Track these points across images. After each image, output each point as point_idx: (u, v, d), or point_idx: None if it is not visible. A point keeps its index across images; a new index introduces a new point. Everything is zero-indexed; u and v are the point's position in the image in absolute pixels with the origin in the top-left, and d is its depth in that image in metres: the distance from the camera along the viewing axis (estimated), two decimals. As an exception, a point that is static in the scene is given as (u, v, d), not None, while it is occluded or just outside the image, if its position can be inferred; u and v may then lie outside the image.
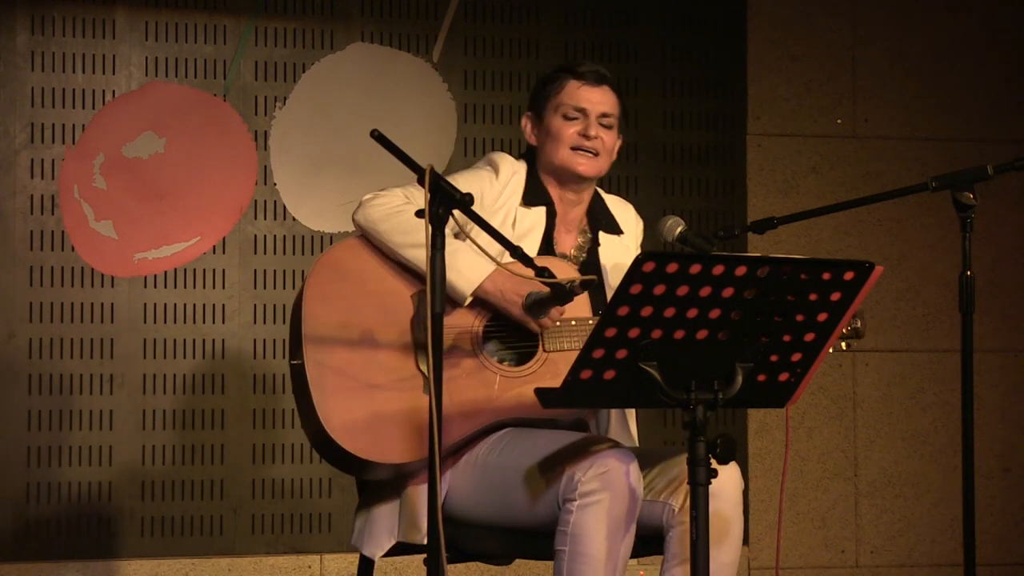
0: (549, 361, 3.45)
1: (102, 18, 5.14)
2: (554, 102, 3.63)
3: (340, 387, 3.36)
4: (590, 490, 3.22)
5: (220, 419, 5.17)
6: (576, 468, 3.25)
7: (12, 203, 5.06)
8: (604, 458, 3.24)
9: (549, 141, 3.63)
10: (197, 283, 5.17)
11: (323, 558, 5.20)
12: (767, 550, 5.55)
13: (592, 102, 3.63)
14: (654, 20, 5.55)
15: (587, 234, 3.68)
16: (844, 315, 2.89)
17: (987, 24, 5.83)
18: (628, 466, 3.25)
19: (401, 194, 3.49)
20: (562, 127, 3.62)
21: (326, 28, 5.30)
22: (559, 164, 3.62)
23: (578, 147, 3.61)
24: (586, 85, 3.64)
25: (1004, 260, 5.80)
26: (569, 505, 3.24)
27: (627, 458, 3.26)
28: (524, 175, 3.65)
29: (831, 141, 5.71)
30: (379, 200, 3.48)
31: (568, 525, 3.24)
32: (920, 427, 5.75)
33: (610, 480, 3.22)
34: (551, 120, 3.63)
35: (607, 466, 3.23)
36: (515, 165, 3.66)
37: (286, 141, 5.25)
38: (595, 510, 3.22)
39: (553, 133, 3.62)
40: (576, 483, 3.23)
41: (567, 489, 3.25)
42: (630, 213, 3.78)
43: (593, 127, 3.61)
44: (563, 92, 3.63)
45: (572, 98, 3.63)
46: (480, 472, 3.40)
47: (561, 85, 3.64)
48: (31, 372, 5.05)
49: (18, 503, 5.02)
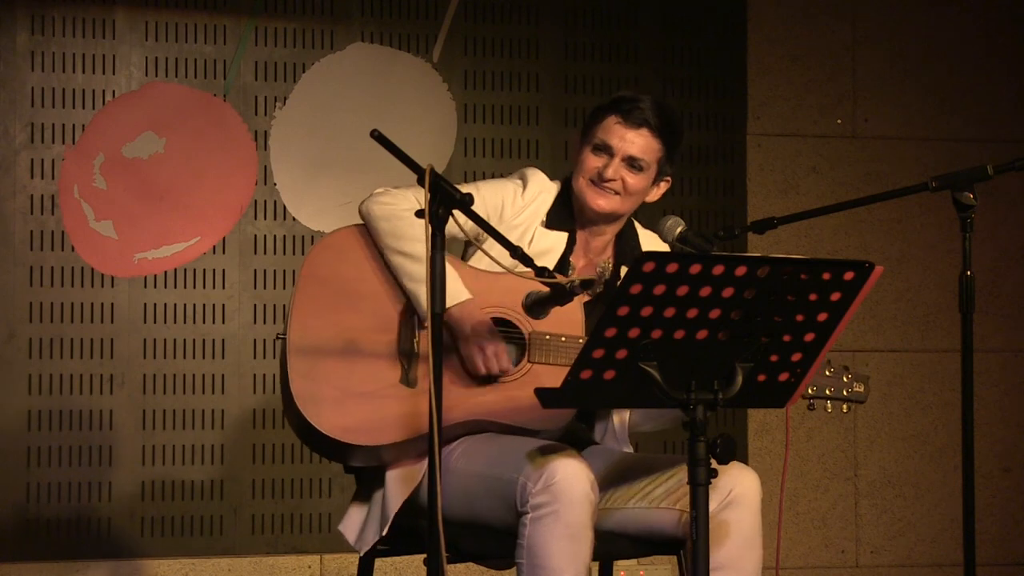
0: (532, 372, 3.45)
1: (102, 18, 5.14)
2: (591, 133, 3.58)
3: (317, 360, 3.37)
4: (541, 502, 3.21)
5: (220, 419, 5.17)
6: (528, 478, 3.23)
7: (12, 203, 5.06)
8: (552, 466, 3.22)
9: (575, 168, 3.60)
10: (197, 283, 5.17)
11: (323, 558, 5.20)
12: (767, 550, 5.54)
13: (623, 143, 3.55)
14: (654, 20, 5.55)
15: (608, 263, 3.62)
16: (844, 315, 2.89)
17: (987, 24, 5.83)
18: (578, 470, 3.22)
19: (412, 197, 3.47)
20: (587, 158, 3.57)
21: (326, 28, 5.30)
22: (576, 192, 3.60)
23: (595, 182, 3.57)
24: (623, 125, 3.55)
25: (1004, 260, 5.80)
26: (524, 518, 3.23)
27: (575, 462, 3.24)
28: (553, 196, 3.62)
29: (831, 141, 5.71)
30: (388, 198, 3.47)
31: (524, 538, 3.23)
32: (920, 427, 5.75)
33: (560, 491, 3.20)
34: (582, 148, 3.59)
35: (556, 475, 3.21)
36: (546, 184, 3.63)
37: (286, 141, 5.25)
38: (548, 522, 3.21)
39: (579, 162, 3.58)
40: (528, 495, 3.22)
41: (520, 501, 3.24)
42: (659, 244, 3.71)
43: (613, 167, 3.55)
44: (601, 125, 3.56)
45: (605, 132, 3.55)
46: (450, 477, 3.39)
47: (602, 117, 3.57)
48: (31, 372, 5.05)
49: (18, 503, 5.02)
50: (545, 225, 3.60)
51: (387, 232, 3.44)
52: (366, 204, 3.48)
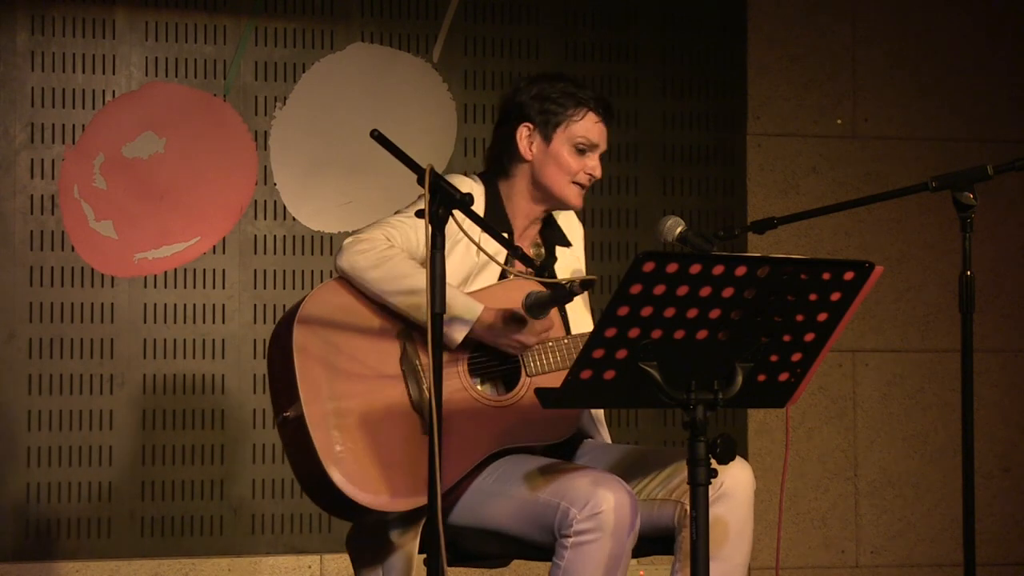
0: (534, 384, 3.44)
1: (102, 18, 5.14)
2: (569, 130, 3.54)
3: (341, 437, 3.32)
4: (585, 529, 3.21)
5: (220, 419, 5.17)
6: (572, 503, 3.23)
7: (12, 203, 5.06)
8: (599, 494, 3.22)
9: (551, 167, 3.55)
10: (197, 283, 5.17)
11: (323, 558, 5.20)
12: (767, 550, 5.55)
13: (602, 140, 3.58)
14: (654, 20, 5.55)
15: (540, 248, 3.65)
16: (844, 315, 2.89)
17: (987, 24, 5.84)
18: (625, 500, 3.23)
19: (383, 237, 3.42)
20: (572, 160, 3.54)
21: (326, 28, 5.30)
22: (555, 192, 3.57)
23: (577, 182, 3.56)
24: (601, 122, 3.57)
25: (1004, 260, 5.80)
26: (564, 540, 3.23)
27: (623, 492, 3.25)
28: (483, 197, 3.57)
29: (831, 141, 5.71)
30: (363, 245, 3.40)
31: (563, 560, 3.23)
32: (920, 427, 5.75)
33: (605, 521, 3.21)
34: (560, 147, 3.54)
35: (602, 506, 3.21)
36: (473, 187, 3.57)
37: (286, 141, 5.25)
38: (590, 549, 3.21)
39: (562, 163, 3.54)
40: (571, 520, 3.22)
41: (562, 524, 3.24)
42: (573, 220, 3.75)
43: (599, 165, 3.58)
44: (581, 124, 3.55)
45: (589, 132, 3.55)
46: (478, 498, 3.39)
47: (581, 115, 3.55)
48: (31, 372, 5.05)
49: (18, 503, 5.02)
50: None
51: (381, 279, 3.37)
52: (345, 259, 3.39)
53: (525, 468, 3.38)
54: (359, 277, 3.39)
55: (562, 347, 3.45)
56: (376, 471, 3.31)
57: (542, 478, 3.33)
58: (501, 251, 3.44)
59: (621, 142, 5.49)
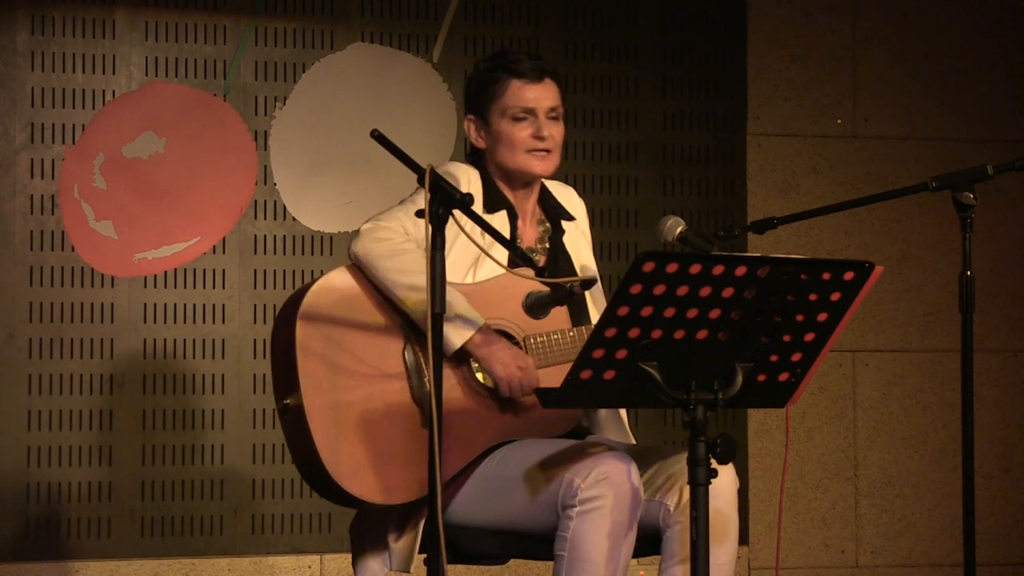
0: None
1: (102, 18, 5.14)
2: (499, 105, 3.55)
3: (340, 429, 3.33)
4: (590, 496, 3.22)
5: (220, 419, 5.17)
6: (575, 474, 3.24)
7: (12, 203, 5.06)
8: (603, 463, 3.24)
9: (500, 146, 3.57)
10: (197, 283, 5.17)
11: (323, 558, 5.20)
12: (767, 550, 5.55)
13: (539, 100, 3.54)
14: (654, 20, 5.55)
15: (545, 224, 3.66)
16: (844, 315, 2.89)
17: (987, 24, 5.83)
18: (628, 469, 3.24)
19: (402, 229, 3.44)
20: (513, 131, 3.54)
21: (326, 28, 5.30)
22: (514, 168, 3.57)
23: (532, 149, 3.55)
24: (529, 83, 3.54)
25: (1004, 260, 5.80)
26: (569, 511, 3.23)
27: (626, 461, 3.26)
28: (480, 181, 3.59)
29: (831, 141, 5.71)
30: (381, 234, 3.42)
31: (568, 531, 3.23)
32: (920, 427, 5.74)
33: (611, 485, 3.22)
34: (499, 124, 3.56)
35: (607, 471, 3.22)
36: (469, 172, 3.60)
37: (286, 141, 5.25)
38: (596, 516, 3.22)
39: (505, 138, 3.55)
40: (576, 489, 3.22)
41: (566, 495, 3.24)
42: (573, 196, 3.76)
43: (544, 126, 3.54)
44: (507, 94, 3.54)
45: (518, 99, 3.54)
46: (480, 484, 3.39)
47: (504, 87, 3.54)
48: (31, 372, 5.05)
49: (18, 503, 5.02)
50: (486, 210, 3.56)
51: (391, 269, 3.37)
52: (360, 245, 3.41)
53: (528, 451, 3.38)
54: (371, 264, 3.39)
55: (567, 339, 3.44)
56: (373, 463, 3.32)
57: (546, 458, 3.33)
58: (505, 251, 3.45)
59: (621, 142, 5.49)
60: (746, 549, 5.50)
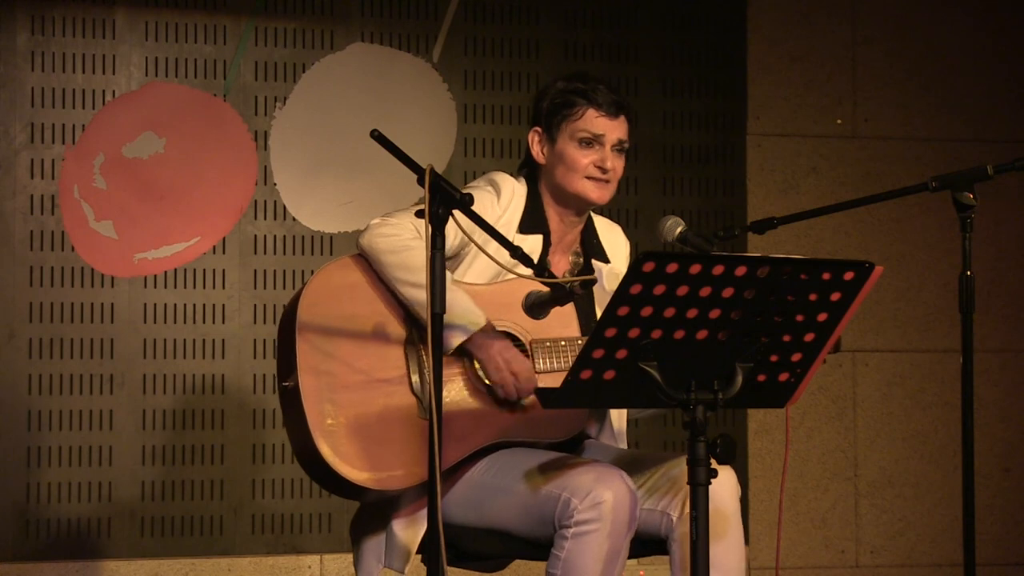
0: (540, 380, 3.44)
1: (102, 18, 5.14)
2: (570, 127, 3.56)
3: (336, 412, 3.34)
4: (586, 519, 3.23)
5: (220, 419, 5.17)
6: (573, 494, 3.25)
7: (12, 203, 5.06)
8: (600, 486, 3.24)
9: (561, 167, 3.57)
10: (197, 283, 5.17)
11: (323, 558, 5.20)
12: (767, 550, 5.55)
13: (609, 131, 3.56)
14: (654, 20, 5.55)
15: (579, 257, 3.66)
16: (844, 315, 2.89)
17: (987, 24, 5.84)
18: (624, 494, 3.25)
19: (412, 227, 3.44)
20: (577, 156, 3.55)
21: (326, 28, 5.30)
22: (571, 192, 3.58)
23: (592, 176, 3.56)
24: (606, 117, 3.56)
25: (1004, 260, 5.80)
26: (564, 531, 3.24)
27: (622, 485, 3.26)
28: (524, 198, 3.60)
29: (831, 141, 5.71)
30: (389, 230, 3.43)
31: (563, 551, 3.25)
32: (920, 427, 5.75)
33: (606, 511, 3.22)
34: (565, 146, 3.56)
35: (603, 496, 3.23)
36: (516, 188, 3.60)
37: (286, 141, 5.25)
38: (590, 539, 3.23)
39: (568, 161, 3.56)
40: (572, 511, 3.24)
41: (563, 515, 3.25)
42: (619, 237, 3.77)
43: (609, 158, 3.56)
44: (581, 120, 3.55)
45: (591, 125, 3.55)
46: (474, 491, 3.40)
47: (579, 112, 3.55)
48: (31, 372, 5.05)
49: (18, 503, 5.02)
50: (520, 230, 3.57)
51: (396, 265, 3.39)
52: (368, 239, 3.43)
53: (525, 461, 3.38)
54: (376, 259, 3.41)
55: (574, 348, 3.44)
56: (368, 450, 3.32)
57: (543, 471, 3.34)
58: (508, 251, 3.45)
59: (621, 142, 5.49)
60: (746, 549, 5.50)
